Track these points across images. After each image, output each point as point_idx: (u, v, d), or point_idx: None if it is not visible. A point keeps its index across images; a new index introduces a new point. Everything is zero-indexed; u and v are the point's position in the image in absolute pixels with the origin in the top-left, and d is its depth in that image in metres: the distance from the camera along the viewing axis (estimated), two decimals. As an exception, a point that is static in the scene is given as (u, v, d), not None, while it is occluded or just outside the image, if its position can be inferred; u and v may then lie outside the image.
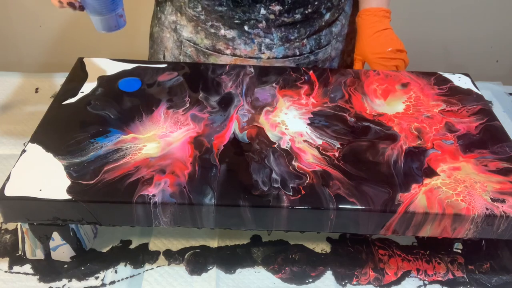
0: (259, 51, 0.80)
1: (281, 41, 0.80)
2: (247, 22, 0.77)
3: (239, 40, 0.79)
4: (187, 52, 0.82)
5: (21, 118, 0.81)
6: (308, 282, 0.60)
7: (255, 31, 0.78)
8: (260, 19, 0.76)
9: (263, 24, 0.77)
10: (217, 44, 0.80)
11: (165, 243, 0.63)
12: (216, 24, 0.78)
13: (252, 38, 0.78)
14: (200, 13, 0.77)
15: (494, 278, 0.62)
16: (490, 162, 0.61)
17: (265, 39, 0.78)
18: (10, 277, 0.59)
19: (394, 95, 0.72)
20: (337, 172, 0.58)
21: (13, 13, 1.42)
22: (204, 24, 0.78)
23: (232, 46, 0.79)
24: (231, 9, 0.75)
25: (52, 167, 0.56)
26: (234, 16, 0.76)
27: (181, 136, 0.62)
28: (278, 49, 0.80)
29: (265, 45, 0.79)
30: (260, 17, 0.76)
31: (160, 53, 0.87)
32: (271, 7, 0.75)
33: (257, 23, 0.77)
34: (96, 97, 0.68)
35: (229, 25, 0.78)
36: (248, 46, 0.79)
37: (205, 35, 0.80)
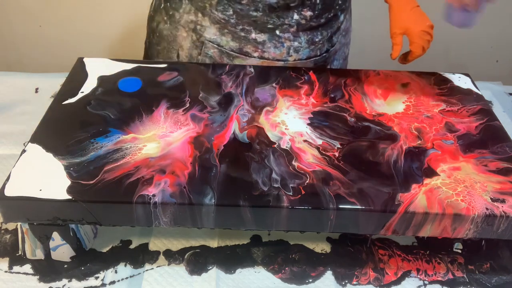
0: (287, 54, 0.82)
1: (307, 44, 0.82)
2: (279, 27, 0.79)
3: (269, 43, 0.80)
4: (209, 53, 0.82)
5: (21, 118, 0.81)
6: (308, 282, 0.60)
7: (285, 35, 0.79)
8: (293, 23, 0.78)
9: (294, 29, 0.79)
10: (245, 47, 0.81)
11: (165, 243, 0.63)
12: (248, 28, 0.79)
13: (282, 42, 0.80)
14: (231, 17, 0.78)
15: (494, 278, 0.62)
16: (490, 162, 0.61)
17: (294, 42, 0.80)
18: (10, 277, 0.59)
19: (394, 95, 0.72)
20: (337, 172, 0.58)
21: (13, 13, 1.42)
22: (234, 27, 0.79)
23: (261, 49, 0.81)
24: (266, 14, 0.77)
25: (52, 167, 0.56)
26: (268, 21, 0.77)
27: (181, 136, 0.62)
28: (304, 52, 0.82)
29: (293, 48, 0.81)
30: (293, 22, 0.78)
31: (172, 52, 0.86)
32: (303, 12, 0.78)
33: (289, 27, 0.79)
34: (96, 97, 0.68)
35: (260, 29, 0.79)
36: (278, 49, 0.81)
37: (232, 38, 0.80)
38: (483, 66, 1.56)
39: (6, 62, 1.51)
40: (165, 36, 0.86)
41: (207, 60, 0.83)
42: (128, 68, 0.74)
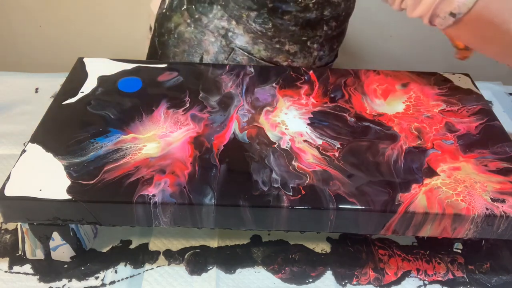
0: (313, 63, 0.85)
1: (329, 51, 0.86)
2: (311, 38, 0.81)
3: (300, 54, 0.82)
4: (237, 59, 0.82)
5: (21, 118, 0.81)
6: (308, 282, 0.60)
7: (314, 46, 0.82)
8: (322, 34, 0.81)
9: (322, 39, 0.82)
10: (276, 57, 0.82)
11: (165, 243, 0.63)
12: (283, 40, 0.80)
13: (311, 52, 0.83)
14: (269, 30, 0.79)
15: (494, 278, 0.62)
16: (490, 162, 0.61)
17: (320, 52, 0.83)
18: (10, 277, 0.59)
19: (394, 95, 0.72)
20: (337, 172, 0.58)
21: (13, 13, 1.42)
22: (270, 39, 0.80)
23: (291, 59, 0.82)
24: (302, 28, 0.79)
25: (52, 167, 0.56)
26: (304, 34, 0.80)
27: (181, 136, 0.62)
28: (325, 59, 0.86)
29: (319, 57, 0.85)
30: (323, 33, 0.81)
31: (195, 56, 0.85)
32: (330, 23, 0.81)
33: (319, 38, 0.82)
34: (96, 97, 0.68)
35: (294, 41, 0.81)
36: (306, 59, 0.83)
37: (264, 48, 0.81)
38: (483, 66, 1.56)
39: (6, 62, 1.51)
40: (187, 39, 0.85)
41: None
42: (128, 68, 0.74)
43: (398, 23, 1.47)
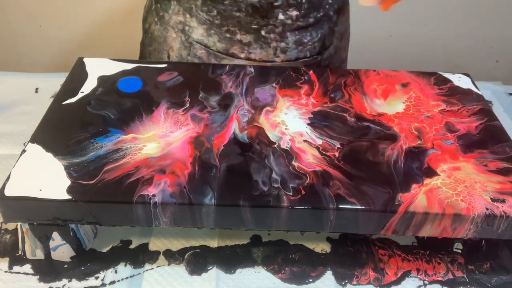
0: (274, 55, 0.80)
1: (295, 45, 0.80)
2: (264, 27, 0.77)
3: (255, 44, 0.79)
4: (197, 54, 0.82)
5: (21, 118, 0.81)
6: (308, 282, 0.60)
7: (271, 36, 0.78)
8: (278, 24, 0.77)
9: (279, 29, 0.77)
10: (231, 48, 0.80)
11: (165, 243, 0.63)
12: (232, 29, 0.78)
13: (269, 42, 0.79)
14: (215, 18, 0.77)
15: (494, 278, 0.62)
16: (490, 162, 0.61)
17: (280, 43, 0.78)
18: (10, 277, 0.59)
19: (394, 95, 0.72)
20: (337, 172, 0.58)
21: (13, 13, 1.42)
22: (219, 28, 0.78)
23: (248, 50, 0.79)
24: (249, 14, 0.75)
25: (52, 167, 0.56)
26: (252, 22, 0.76)
27: (181, 136, 0.62)
28: (292, 52, 0.81)
29: (280, 49, 0.80)
30: (278, 23, 0.77)
31: (163, 53, 0.86)
32: (289, 12, 0.76)
33: (274, 28, 0.77)
34: (96, 97, 0.68)
35: (246, 30, 0.78)
36: (264, 50, 0.79)
37: (218, 39, 0.79)
38: (483, 66, 1.56)
39: (6, 62, 1.51)
40: (156, 37, 0.86)
41: (196, 61, 0.82)
42: (128, 68, 0.74)
43: (398, 23, 1.48)
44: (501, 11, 1.48)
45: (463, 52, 1.55)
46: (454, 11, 1.47)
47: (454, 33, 1.52)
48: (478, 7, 1.46)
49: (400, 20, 1.46)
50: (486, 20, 1.50)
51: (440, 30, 1.50)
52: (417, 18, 1.47)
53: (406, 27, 1.48)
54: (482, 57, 1.57)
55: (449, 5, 1.46)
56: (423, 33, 1.49)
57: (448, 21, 1.49)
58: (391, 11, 0.86)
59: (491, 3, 1.46)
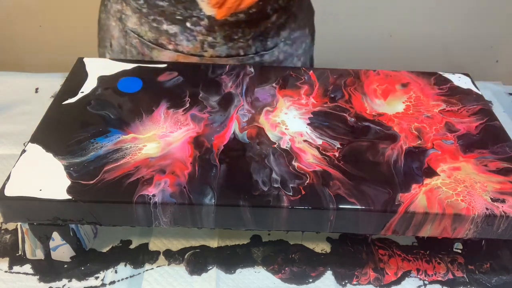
0: (201, 49, 0.78)
1: (224, 40, 0.77)
2: (189, 19, 0.74)
3: (181, 36, 0.77)
4: (133, 43, 0.80)
5: (21, 118, 0.81)
6: (308, 282, 0.60)
7: (197, 28, 0.75)
8: (202, 16, 0.74)
9: (205, 22, 0.75)
10: (160, 38, 0.78)
11: (165, 243, 0.63)
12: (159, 18, 0.76)
13: (195, 35, 0.76)
14: (143, 6, 0.76)
15: (494, 278, 0.62)
16: (490, 162, 0.61)
17: (207, 37, 0.76)
18: (10, 277, 0.59)
19: (394, 95, 0.72)
20: (337, 172, 0.58)
21: (13, 13, 1.42)
22: (147, 17, 0.76)
23: (175, 42, 0.77)
24: (172, 4, 0.73)
25: (52, 167, 0.56)
26: (176, 12, 0.73)
27: (181, 136, 0.62)
28: (221, 48, 0.77)
29: (208, 43, 0.77)
30: (202, 15, 0.74)
31: (107, 41, 0.85)
32: None
33: (199, 20, 0.75)
34: (96, 97, 0.68)
35: (171, 20, 0.75)
36: (191, 43, 0.77)
37: (149, 28, 0.78)
38: (483, 66, 1.56)
39: (6, 62, 1.51)
40: (102, 25, 0.86)
41: (133, 50, 0.81)
42: (128, 68, 0.74)
43: (398, 23, 1.48)
44: (501, 11, 1.48)
45: (463, 52, 1.55)
46: (454, 11, 1.47)
47: (454, 33, 1.52)
48: (478, 7, 1.46)
49: (400, 20, 1.46)
50: (486, 20, 1.50)
51: (440, 30, 1.50)
52: (417, 18, 1.47)
53: (406, 27, 1.48)
54: (482, 57, 1.57)
55: (449, 5, 1.46)
56: (423, 33, 1.49)
57: (448, 21, 1.49)
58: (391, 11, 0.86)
59: (491, 3, 1.46)
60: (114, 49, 0.83)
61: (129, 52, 0.81)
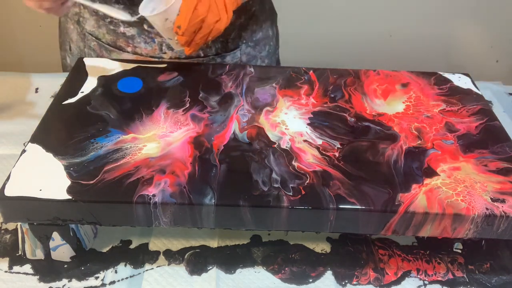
0: (160, 51, 0.78)
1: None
2: (145, 21, 0.74)
3: (139, 38, 0.77)
4: (91, 45, 0.80)
5: (21, 118, 0.81)
6: (308, 282, 0.60)
7: (154, 30, 0.75)
8: None
9: None
10: (118, 41, 0.78)
11: (165, 243, 0.63)
12: (115, 20, 0.76)
13: (153, 37, 0.77)
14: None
15: (494, 278, 0.62)
16: (490, 162, 0.61)
17: (165, 39, 0.74)
18: (10, 277, 0.59)
19: (394, 95, 0.72)
20: (337, 172, 0.58)
21: (13, 13, 1.42)
22: (104, 20, 0.76)
23: (133, 44, 0.78)
24: (127, 7, 0.73)
25: (52, 167, 0.56)
26: (132, 15, 0.72)
27: (181, 136, 0.62)
28: (180, 50, 0.77)
29: (166, 45, 0.78)
30: None
31: (66, 44, 0.85)
32: None
33: None
34: (96, 97, 0.68)
35: (128, 23, 0.75)
36: (149, 45, 0.77)
37: (106, 31, 0.78)
38: (483, 66, 1.56)
39: (6, 62, 1.51)
40: (62, 28, 0.86)
41: (92, 53, 0.81)
42: (128, 68, 0.74)
43: (398, 23, 1.48)
44: (501, 11, 1.48)
45: (463, 52, 1.55)
46: (454, 11, 1.47)
47: (454, 33, 1.52)
48: (478, 7, 1.46)
49: (400, 20, 1.46)
50: (486, 20, 1.50)
51: (440, 30, 1.50)
52: (417, 18, 1.47)
53: (406, 27, 1.48)
54: (482, 57, 1.57)
55: (449, 5, 1.46)
56: (423, 33, 1.49)
57: (448, 21, 1.49)
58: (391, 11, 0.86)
59: (491, 3, 1.46)
60: (73, 52, 0.83)
61: (88, 55, 0.81)
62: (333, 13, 1.44)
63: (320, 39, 1.47)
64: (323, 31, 1.47)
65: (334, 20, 1.44)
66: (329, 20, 1.45)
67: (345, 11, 1.44)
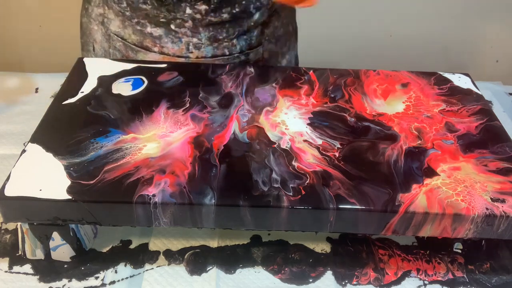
0: (187, 50, 0.78)
1: (209, 41, 0.78)
2: (173, 21, 0.75)
3: (166, 38, 0.77)
4: (116, 46, 0.81)
5: (21, 118, 0.81)
6: (308, 282, 0.60)
7: (182, 30, 0.76)
8: (186, 18, 0.74)
9: (189, 24, 0.75)
10: (145, 41, 0.78)
11: (165, 243, 0.63)
12: (142, 21, 0.76)
13: (180, 37, 0.77)
14: (126, 9, 0.76)
15: (494, 278, 0.62)
16: (490, 162, 0.61)
17: (192, 38, 0.76)
18: (10, 277, 0.59)
19: (394, 95, 0.72)
20: (337, 172, 0.58)
21: (13, 13, 1.42)
22: (130, 20, 0.77)
23: (160, 44, 0.78)
24: (155, 7, 0.73)
25: (52, 167, 0.56)
26: (159, 15, 0.74)
27: (181, 136, 0.62)
28: (206, 49, 0.78)
29: (193, 45, 0.78)
30: (186, 17, 0.74)
31: (89, 45, 0.85)
32: (197, 6, 0.73)
33: (183, 22, 0.75)
34: (96, 97, 0.68)
35: (155, 23, 0.76)
36: (176, 45, 0.77)
37: (132, 31, 0.78)
38: (483, 66, 1.56)
39: (6, 62, 1.51)
40: (84, 29, 0.86)
41: (117, 53, 0.81)
42: (128, 68, 0.74)
43: (398, 23, 1.47)
44: (501, 11, 1.48)
45: (463, 52, 1.55)
46: (454, 11, 1.47)
47: (454, 33, 1.52)
48: (478, 7, 1.46)
49: (400, 20, 1.46)
50: (486, 20, 1.50)
51: (440, 30, 1.50)
52: (417, 18, 1.47)
53: (406, 27, 1.48)
54: (482, 57, 1.57)
55: (449, 5, 1.46)
56: (423, 33, 1.49)
57: (448, 21, 1.49)
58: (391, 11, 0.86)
59: (491, 3, 1.46)
60: (97, 53, 0.83)
61: (112, 55, 0.81)
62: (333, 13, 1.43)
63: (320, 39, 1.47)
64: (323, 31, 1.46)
65: (334, 20, 1.44)
66: (329, 20, 1.45)
67: (345, 11, 1.43)
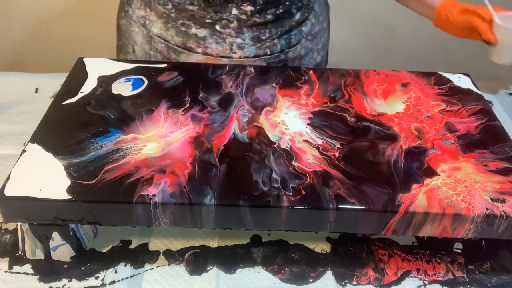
0: (230, 51, 0.79)
1: (252, 41, 0.79)
2: (218, 22, 0.76)
3: (210, 39, 0.78)
4: (158, 48, 0.81)
5: (21, 118, 0.81)
6: (308, 282, 0.60)
7: (226, 31, 0.77)
8: (232, 19, 0.76)
9: (234, 24, 0.76)
10: (188, 42, 0.79)
11: (165, 243, 0.63)
12: (187, 22, 0.77)
13: (224, 37, 0.78)
14: (171, 11, 0.77)
15: (494, 278, 0.62)
16: (490, 162, 0.61)
17: (236, 38, 0.77)
18: (10, 277, 0.59)
19: (394, 95, 0.72)
20: (337, 172, 0.58)
21: (13, 13, 1.42)
22: (175, 22, 0.77)
23: (204, 45, 0.78)
24: (202, 8, 0.75)
25: (52, 167, 0.56)
26: (206, 16, 0.75)
27: (181, 136, 0.62)
28: (249, 49, 0.79)
29: (237, 45, 0.79)
30: (232, 17, 0.76)
31: (129, 47, 0.86)
32: (243, 7, 0.75)
33: (228, 23, 0.76)
34: (96, 97, 0.68)
35: (200, 24, 0.77)
36: (220, 45, 0.78)
37: (175, 33, 0.79)
38: (483, 66, 1.56)
39: (6, 62, 1.51)
40: (123, 32, 0.87)
41: (158, 55, 0.82)
42: (128, 68, 0.74)
43: (398, 23, 1.48)
44: (501, 11, 1.48)
45: (463, 52, 1.55)
46: (454, 11, 1.47)
47: (454, 33, 1.52)
48: (478, 7, 1.46)
49: (400, 20, 1.46)
50: (486, 20, 1.50)
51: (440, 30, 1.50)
52: (418, 18, 1.47)
53: (406, 27, 1.48)
54: (482, 57, 1.57)
55: (449, 5, 1.45)
56: (423, 33, 1.49)
57: (448, 21, 1.49)
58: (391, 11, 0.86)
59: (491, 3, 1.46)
60: (138, 55, 0.84)
61: (153, 57, 0.82)
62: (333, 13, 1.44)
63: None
64: (323, 31, 1.47)
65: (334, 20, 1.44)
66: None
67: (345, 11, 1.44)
